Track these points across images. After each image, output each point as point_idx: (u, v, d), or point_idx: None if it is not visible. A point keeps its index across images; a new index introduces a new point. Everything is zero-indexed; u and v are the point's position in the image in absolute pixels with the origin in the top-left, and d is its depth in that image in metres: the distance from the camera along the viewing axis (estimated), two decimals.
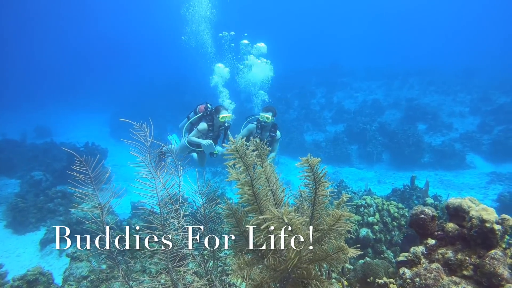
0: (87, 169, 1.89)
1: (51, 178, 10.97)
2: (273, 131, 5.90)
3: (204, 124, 5.72)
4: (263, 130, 5.84)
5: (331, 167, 14.29)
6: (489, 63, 27.89)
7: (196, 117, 5.94)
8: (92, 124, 24.16)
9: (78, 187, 2.10)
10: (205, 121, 5.76)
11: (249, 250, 2.29)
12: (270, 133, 5.92)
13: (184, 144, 5.93)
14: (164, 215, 2.04)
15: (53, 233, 7.54)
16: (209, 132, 5.78)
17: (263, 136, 5.87)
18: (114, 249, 2.15)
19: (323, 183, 2.09)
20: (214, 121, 5.78)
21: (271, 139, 5.89)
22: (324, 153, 15.04)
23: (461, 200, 2.28)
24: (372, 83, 25.51)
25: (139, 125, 2.15)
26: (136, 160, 1.93)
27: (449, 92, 21.56)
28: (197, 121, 5.92)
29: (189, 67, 34.92)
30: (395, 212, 5.10)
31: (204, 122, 5.76)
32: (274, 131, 5.90)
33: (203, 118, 5.84)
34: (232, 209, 2.22)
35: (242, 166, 1.94)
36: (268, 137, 5.88)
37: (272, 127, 5.88)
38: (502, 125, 15.74)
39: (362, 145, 15.33)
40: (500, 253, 2.02)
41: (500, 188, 11.03)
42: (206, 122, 5.74)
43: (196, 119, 5.95)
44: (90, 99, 30.58)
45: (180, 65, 39.30)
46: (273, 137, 5.91)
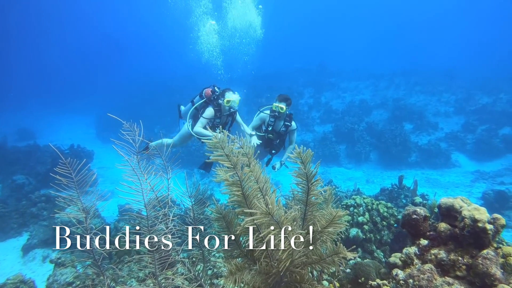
0: (71, 172, 1.79)
1: (34, 182, 10.65)
2: (287, 121, 5.54)
3: (210, 109, 5.17)
4: (276, 120, 5.50)
5: (320, 167, 14.29)
6: (471, 64, 28.57)
7: (202, 102, 5.38)
8: (77, 126, 23.65)
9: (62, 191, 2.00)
10: (212, 106, 5.22)
11: (240, 254, 2.23)
12: (284, 123, 5.56)
13: (187, 132, 5.44)
14: (152, 218, 1.96)
15: (36, 238, 7.29)
16: (216, 118, 5.24)
17: (276, 126, 5.57)
18: (99, 255, 2.06)
19: (316, 182, 2.05)
20: (222, 106, 5.24)
21: (285, 129, 5.58)
22: (313, 152, 15.12)
23: (453, 200, 2.27)
24: (360, 83, 25.77)
25: (129, 124, 2.07)
26: (123, 161, 1.85)
27: (434, 92, 21.97)
28: (203, 106, 5.37)
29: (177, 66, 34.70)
30: (384, 211, 5.12)
31: (210, 107, 5.22)
32: (289, 120, 5.55)
33: (210, 102, 5.29)
34: (222, 213, 2.15)
35: (229, 164, 1.87)
36: (283, 127, 5.57)
37: (287, 116, 5.54)
38: (485, 125, 16.12)
39: (350, 145, 15.44)
40: (493, 253, 2.02)
41: (484, 186, 11.26)
42: (212, 107, 5.20)
43: (202, 104, 5.39)
44: (74, 101, 29.86)
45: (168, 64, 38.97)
46: (288, 126, 5.57)
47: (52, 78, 41.52)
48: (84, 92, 33.65)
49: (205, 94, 5.36)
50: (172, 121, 20.67)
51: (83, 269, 4.02)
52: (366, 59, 34.95)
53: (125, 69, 41.80)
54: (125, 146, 1.86)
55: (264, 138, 5.65)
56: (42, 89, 35.10)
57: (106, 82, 36.75)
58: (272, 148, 5.86)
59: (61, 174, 1.82)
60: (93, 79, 40.18)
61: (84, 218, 1.89)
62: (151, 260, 2.09)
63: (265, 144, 5.75)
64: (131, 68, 41.57)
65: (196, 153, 14.09)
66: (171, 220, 2.11)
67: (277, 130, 5.60)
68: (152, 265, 2.11)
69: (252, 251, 2.15)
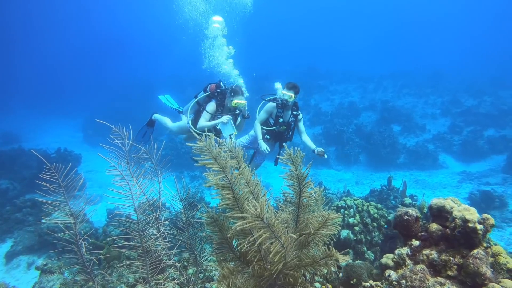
0: (57, 177, 1.74)
1: (19, 187, 10.38)
2: (295, 110, 5.29)
3: (213, 103, 5.00)
4: (284, 110, 5.21)
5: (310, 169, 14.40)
6: (456, 67, 29.20)
7: (205, 95, 5.17)
8: (64, 130, 23.18)
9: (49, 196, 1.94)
10: (215, 100, 5.04)
11: (233, 257, 2.20)
12: (292, 112, 5.28)
13: (185, 126, 5.27)
14: (142, 223, 1.92)
15: (20, 245, 7.08)
16: (217, 113, 5.04)
17: (285, 117, 5.27)
18: (89, 261, 2.01)
19: (307, 183, 2.04)
20: (226, 101, 5.05)
21: (294, 119, 5.33)
22: (304, 154, 15.16)
23: (444, 200, 2.29)
24: (348, 85, 26.05)
25: (118, 128, 2.03)
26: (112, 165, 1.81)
27: (421, 94, 22.37)
28: (205, 101, 5.17)
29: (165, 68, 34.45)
30: (374, 213, 5.16)
31: (213, 101, 5.04)
32: (296, 109, 5.30)
33: (213, 97, 5.10)
34: (214, 217, 2.12)
35: (217, 167, 1.84)
36: (291, 117, 5.30)
37: (294, 105, 5.29)
38: (470, 126, 16.47)
39: (339, 147, 15.55)
40: (483, 253, 2.04)
41: (470, 187, 11.47)
42: (215, 102, 5.02)
43: (205, 98, 5.19)
44: (61, 104, 29.24)
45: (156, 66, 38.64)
46: (296, 116, 5.32)
47: (38, 80, 40.64)
48: (71, 94, 33.03)
49: (209, 88, 5.19)
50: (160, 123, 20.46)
51: (71, 276, 3.92)
52: (354, 62, 35.43)
53: (112, 71, 41.23)
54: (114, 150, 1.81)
55: (274, 132, 5.37)
56: (27, 92, 34.30)
57: (94, 85, 36.18)
58: (282, 141, 5.54)
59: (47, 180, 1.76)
60: (80, 82, 39.51)
61: (73, 224, 1.84)
62: (142, 265, 2.05)
63: (275, 138, 5.47)
64: (119, 70, 41.06)
65: (185, 155, 13.98)
66: (162, 224, 2.07)
67: (286, 121, 5.32)
68: (143, 270, 2.07)
69: (245, 254, 2.13)
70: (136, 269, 2.14)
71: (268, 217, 1.68)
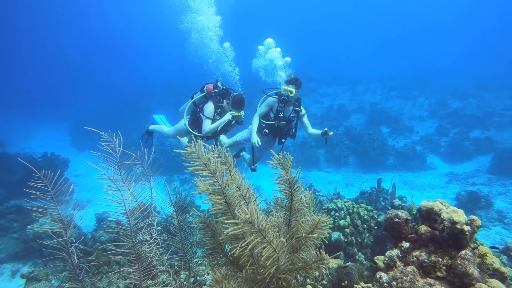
0: (47, 185, 1.71)
1: (4, 192, 10.15)
2: (297, 105, 5.18)
3: (211, 105, 4.89)
4: (286, 105, 5.11)
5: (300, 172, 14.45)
6: (443, 70, 29.77)
7: (201, 96, 5.06)
8: (51, 133, 22.72)
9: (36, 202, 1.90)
10: (212, 101, 4.93)
11: (226, 262, 2.20)
12: (294, 108, 5.18)
13: (183, 128, 5.18)
14: (134, 229, 1.89)
15: (4, 252, 6.88)
16: (215, 114, 4.95)
17: (286, 112, 5.19)
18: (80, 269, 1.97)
19: (298, 187, 2.05)
20: (224, 102, 4.98)
21: (296, 114, 5.22)
22: (293, 157, 15.20)
23: (433, 202, 2.33)
24: (338, 88, 26.27)
25: (107, 135, 2.00)
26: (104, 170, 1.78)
27: (409, 96, 22.73)
28: (203, 102, 5.06)
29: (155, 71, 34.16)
30: (365, 214, 5.21)
31: (211, 102, 4.92)
32: (298, 105, 5.19)
33: (211, 98, 4.99)
34: (206, 221, 2.11)
35: (208, 173, 1.84)
36: (292, 113, 5.20)
37: (296, 101, 5.19)
38: (457, 128, 16.82)
39: (329, 149, 15.66)
40: (470, 253, 2.08)
41: (458, 188, 11.69)
42: (213, 102, 4.91)
43: (202, 98, 5.09)
44: (48, 107, 28.65)
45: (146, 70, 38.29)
46: (298, 112, 5.20)
47: (23, 83, 39.77)
48: (59, 97, 32.42)
49: (206, 89, 5.10)
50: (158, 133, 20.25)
51: (59, 283, 3.84)
52: (344, 65, 35.78)
53: (101, 74, 40.67)
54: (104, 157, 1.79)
55: (273, 127, 5.30)
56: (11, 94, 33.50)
57: (82, 88, 35.62)
58: (282, 136, 5.48)
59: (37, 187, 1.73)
60: (68, 84, 38.85)
61: (63, 230, 1.80)
62: (134, 271, 2.02)
63: (274, 132, 5.40)
64: (108, 73, 40.54)
65: (176, 159, 13.88)
66: (154, 230, 2.05)
67: (287, 117, 5.24)
68: (134, 276, 2.04)
69: (238, 259, 2.12)
70: (127, 275, 2.11)
71: (259, 222, 1.68)
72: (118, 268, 3.70)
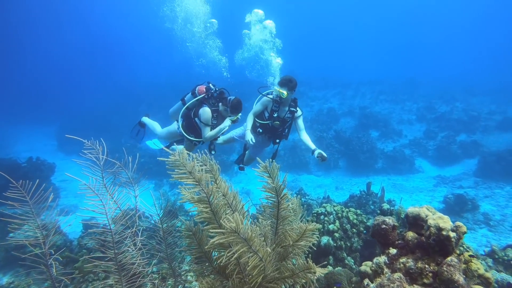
0: (25, 195, 1.65)
1: None
2: (293, 106, 5.07)
3: (207, 110, 4.77)
4: (280, 105, 5.03)
5: (290, 175, 14.47)
6: (429, 74, 30.30)
7: (195, 100, 4.93)
8: (37, 138, 22.23)
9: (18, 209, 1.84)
10: (208, 106, 4.81)
11: (212, 271, 2.16)
12: (289, 108, 5.08)
13: (175, 131, 5.09)
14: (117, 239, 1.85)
15: None
16: (213, 119, 4.85)
17: (281, 112, 5.09)
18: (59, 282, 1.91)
19: (285, 195, 2.03)
20: (220, 107, 4.88)
21: (291, 115, 5.13)
22: (283, 161, 15.19)
23: (419, 209, 2.35)
24: (327, 92, 26.44)
25: (90, 142, 1.96)
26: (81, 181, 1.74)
27: (398, 101, 23.03)
28: (196, 105, 4.95)
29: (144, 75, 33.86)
30: (354, 219, 5.22)
31: (206, 107, 4.81)
32: (294, 106, 5.08)
33: (204, 101, 4.86)
34: (192, 230, 2.08)
35: (193, 181, 1.81)
36: (288, 113, 5.10)
37: (292, 101, 5.08)
38: (444, 132, 17.10)
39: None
40: (456, 260, 2.09)
41: (445, 191, 11.85)
42: (209, 107, 4.80)
43: (196, 102, 4.96)
44: (33, 110, 28.03)
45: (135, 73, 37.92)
46: (293, 112, 5.11)
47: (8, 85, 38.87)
48: (45, 100, 31.79)
49: (198, 91, 4.98)
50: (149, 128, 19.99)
51: None
52: (333, 69, 36.08)
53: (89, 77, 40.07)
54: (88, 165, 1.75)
55: (267, 126, 5.22)
56: None
57: (70, 91, 35.03)
58: (276, 137, 5.40)
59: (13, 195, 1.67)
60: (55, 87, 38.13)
61: (42, 242, 1.75)
62: (116, 282, 1.97)
63: (268, 132, 5.33)
64: (97, 76, 40.01)
65: (164, 163, 13.73)
66: (139, 240, 2.01)
67: (281, 117, 5.16)
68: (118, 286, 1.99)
69: (224, 268, 2.09)
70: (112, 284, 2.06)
71: (245, 231, 1.66)
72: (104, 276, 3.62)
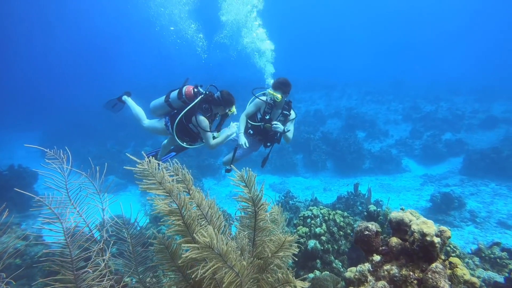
0: None
1: None
2: (286, 109, 5.00)
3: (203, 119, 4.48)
4: (273, 108, 4.94)
5: (277, 177, 14.41)
6: (414, 75, 30.80)
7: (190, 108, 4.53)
8: (19, 144, 21.60)
9: None
10: (201, 114, 4.51)
11: (187, 287, 2.04)
12: (282, 111, 4.99)
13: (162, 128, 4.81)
14: (76, 259, 1.71)
15: None
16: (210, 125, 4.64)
17: (273, 115, 5.00)
18: None
19: (263, 205, 1.92)
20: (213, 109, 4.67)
21: (283, 118, 5.03)
22: (270, 164, 15.12)
23: (403, 214, 2.27)
24: (314, 93, 26.55)
25: (54, 152, 1.83)
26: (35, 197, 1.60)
27: (384, 101, 23.27)
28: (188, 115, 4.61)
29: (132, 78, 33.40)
30: (341, 221, 5.15)
31: (201, 115, 4.50)
32: (287, 109, 5.01)
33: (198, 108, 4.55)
34: (165, 243, 1.95)
35: (163, 192, 1.68)
36: (280, 116, 5.01)
37: (286, 104, 5.01)
38: (429, 131, 17.31)
39: (307, 154, 15.71)
40: (441, 266, 2.02)
41: (432, 189, 11.95)
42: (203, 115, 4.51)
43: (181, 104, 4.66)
44: (15, 115, 27.29)
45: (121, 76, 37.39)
46: (287, 116, 5.03)
47: None
48: (28, 105, 30.99)
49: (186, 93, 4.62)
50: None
51: None
52: (319, 70, 36.31)
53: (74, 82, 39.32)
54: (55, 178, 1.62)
55: (259, 128, 5.07)
56: None
57: (53, 96, 34.25)
58: (267, 140, 5.28)
59: None
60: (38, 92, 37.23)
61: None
62: None
63: (259, 134, 5.19)
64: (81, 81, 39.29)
65: None
66: (107, 258, 1.87)
67: (273, 119, 5.03)
68: None
69: (200, 283, 1.97)
70: None
71: (220, 246, 1.55)
72: None
